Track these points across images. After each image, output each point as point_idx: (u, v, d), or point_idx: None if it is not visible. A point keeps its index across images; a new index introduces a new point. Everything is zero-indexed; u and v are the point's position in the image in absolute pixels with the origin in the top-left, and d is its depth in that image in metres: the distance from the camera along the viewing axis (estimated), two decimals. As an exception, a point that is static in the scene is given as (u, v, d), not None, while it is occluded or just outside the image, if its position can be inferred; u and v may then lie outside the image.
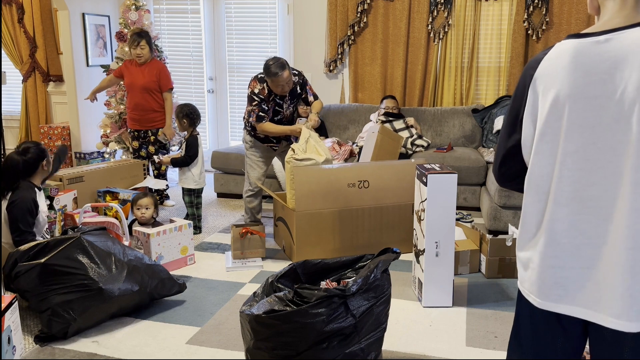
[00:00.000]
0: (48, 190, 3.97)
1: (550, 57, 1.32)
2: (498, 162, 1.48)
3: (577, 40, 1.28)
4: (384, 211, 3.81)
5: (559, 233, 1.31)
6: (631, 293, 1.23)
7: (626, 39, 1.22)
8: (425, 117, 5.42)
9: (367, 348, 2.27)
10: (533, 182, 1.36)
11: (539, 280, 1.36)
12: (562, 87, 1.28)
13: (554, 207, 1.32)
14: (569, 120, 1.28)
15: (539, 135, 1.33)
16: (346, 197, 3.73)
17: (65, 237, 2.80)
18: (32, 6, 6.24)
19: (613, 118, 1.23)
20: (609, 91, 1.23)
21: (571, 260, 1.31)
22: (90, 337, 2.76)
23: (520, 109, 1.39)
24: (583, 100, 1.26)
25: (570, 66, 1.27)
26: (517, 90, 1.41)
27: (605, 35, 1.25)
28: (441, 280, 3.06)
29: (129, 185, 4.66)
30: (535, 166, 1.35)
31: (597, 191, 1.26)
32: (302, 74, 4.04)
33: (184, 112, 4.30)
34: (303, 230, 3.68)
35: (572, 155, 1.28)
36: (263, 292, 2.42)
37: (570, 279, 1.31)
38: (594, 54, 1.25)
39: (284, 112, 3.97)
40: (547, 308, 1.36)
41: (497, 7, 5.36)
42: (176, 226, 3.62)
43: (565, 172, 1.29)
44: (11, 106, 6.88)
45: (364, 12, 5.57)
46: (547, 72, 1.31)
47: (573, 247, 1.30)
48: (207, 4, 6.19)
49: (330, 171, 3.71)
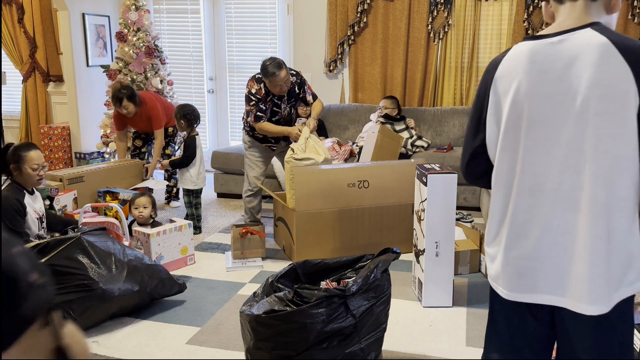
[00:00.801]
0: (48, 190, 3.97)
1: (508, 59, 1.39)
2: (465, 161, 1.55)
3: (533, 42, 1.36)
4: (384, 211, 3.81)
5: (522, 225, 1.37)
6: (592, 278, 1.29)
7: (577, 39, 1.29)
8: (425, 117, 5.42)
9: (367, 348, 2.27)
10: (499, 178, 1.43)
11: (505, 273, 1.42)
12: (520, 87, 1.35)
13: (516, 200, 1.38)
14: (528, 118, 1.35)
15: (502, 134, 1.40)
16: (346, 197, 3.73)
17: (65, 237, 2.80)
18: (32, 6, 6.24)
19: (569, 114, 1.29)
20: (564, 89, 1.30)
21: (534, 251, 1.36)
22: (90, 337, 2.76)
23: (483, 110, 1.46)
24: (541, 98, 1.33)
25: (527, 67, 1.34)
26: (479, 91, 1.48)
27: (558, 37, 1.32)
28: (441, 280, 3.06)
29: (129, 186, 4.66)
30: (500, 163, 1.42)
31: (557, 184, 1.32)
32: (300, 74, 4.03)
33: (182, 113, 4.30)
34: (303, 230, 3.67)
35: (533, 150, 1.35)
36: (263, 292, 2.42)
37: (535, 269, 1.37)
38: (549, 54, 1.32)
39: (281, 113, 3.96)
40: (515, 299, 1.42)
41: (497, 7, 5.36)
42: (176, 226, 3.62)
43: (527, 167, 1.36)
44: (11, 106, 6.88)
45: (364, 12, 5.57)
46: (506, 74, 1.39)
47: (535, 238, 1.36)
48: (207, 4, 6.19)
49: (330, 171, 3.71)
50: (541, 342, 1.44)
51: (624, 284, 1.31)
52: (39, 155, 3.21)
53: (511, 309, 1.45)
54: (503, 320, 1.49)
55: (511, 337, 1.48)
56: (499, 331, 1.51)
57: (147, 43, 5.58)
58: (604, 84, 1.24)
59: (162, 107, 4.86)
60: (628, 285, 1.31)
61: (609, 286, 1.30)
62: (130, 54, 5.52)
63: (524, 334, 1.45)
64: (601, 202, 1.27)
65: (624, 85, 1.23)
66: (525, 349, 1.46)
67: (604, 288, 1.30)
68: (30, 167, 3.15)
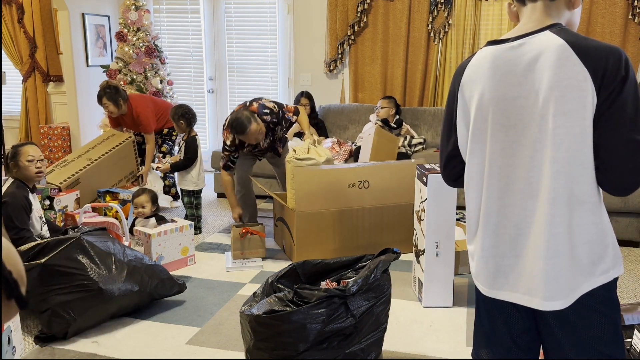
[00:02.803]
0: (48, 191, 3.97)
1: (473, 64, 1.43)
2: (443, 164, 1.60)
3: (495, 46, 1.39)
4: (384, 211, 3.81)
5: (495, 225, 1.41)
6: (546, 275, 1.33)
7: (536, 42, 1.32)
8: (425, 117, 5.41)
9: (367, 348, 2.27)
10: (470, 181, 1.47)
11: (484, 271, 1.46)
12: (484, 91, 1.39)
13: (487, 201, 1.42)
14: (493, 121, 1.38)
15: (470, 137, 1.44)
16: (346, 197, 3.72)
17: (65, 238, 2.79)
18: (32, 6, 6.24)
19: (531, 116, 1.33)
20: (525, 92, 1.33)
21: (508, 249, 1.40)
22: (90, 337, 2.76)
23: (453, 114, 1.51)
24: (504, 102, 1.36)
25: (490, 71, 1.38)
26: (449, 96, 1.52)
27: (519, 40, 1.35)
28: (441, 280, 3.06)
29: (122, 179, 4.66)
30: (470, 165, 1.47)
31: (523, 184, 1.36)
32: (274, 110, 3.88)
33: (179, 113, 4.26)
34: (303, 230, 3.67)
35: (499, 152, 1.38)
36: (263, 293, 2.42)
37: (509, 267, 1.41)
38: (510, 58, 1.35)
39: (261, 145, 3.99)
40: (493, 296, 1.45)
41: (497, 7, 5.35)
42: (177, 227, 3.62)
43: (494, 169, 1.40)
44: (11, 106, 6.88)
45: (364, 12, 5.57)
46: (471, 78, 1.43)
47: (508, 237, 1.40)
48: (207, 4, 6.19)
49: (330, 171, 3.71)
50: (528, 334, 1.46)
51: (596, 274, 1.33)
52: (35, 149, 3.24)
53: (493, 305, 1.48)
54: (487, 317, 1.52)
55: (497, 333, 1.50)
56: (485, 327, 1.54)
57: (147, 43, 5.58)
58: (562, 85, 1.27)
59: (157, 111, 4.83)
60: (601, 274, 1.34)
61: (574, 281, 1.33)
62: (130, 54, 5.52)
63: (509, 329, 1.47)
64: (564, 200, 1.30)
65: (582, 85, 1.25)
66: (512, 343, 1.48)
67: (568, 284, 1.33)
68: (25, 160, 3.17)
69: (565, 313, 1.35)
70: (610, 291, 1.36)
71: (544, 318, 1.40)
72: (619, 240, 4.14)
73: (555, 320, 1.38)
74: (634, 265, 3.81)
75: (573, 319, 1.36)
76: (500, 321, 1.48)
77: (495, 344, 1.52)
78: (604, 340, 1.36)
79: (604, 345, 1.36)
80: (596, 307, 1.35)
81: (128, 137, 4.76)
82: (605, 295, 1.35)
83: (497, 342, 1.51)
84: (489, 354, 1.54)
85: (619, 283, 3.51)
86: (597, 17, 5.02)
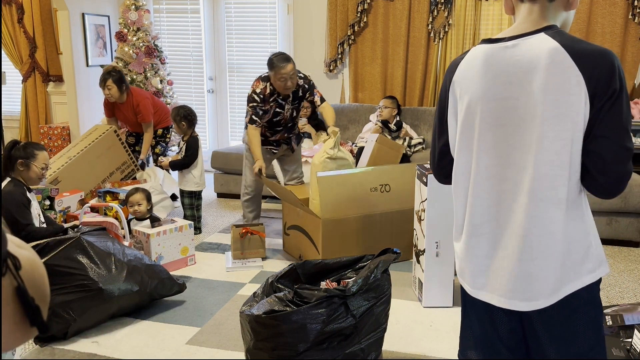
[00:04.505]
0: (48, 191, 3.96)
1: (466, 62, 1.43)
2: (435, 161, 1.59)
3: (489, 45, 1.38)
4: (406, 215, 3.67)
5: (480, 225, 1.41)
6: (528, 276, 1.34)
7: (531, 44, 1.31)
8: (425, 117, 5.41)
9: (367, 348, 2.27)
10: (457, 180, 1.47)
11: (468, 270, 1.46)
12: (475, 90, 1.38)
13: (473, 200, 1.41)
14: (482, 121, 1.38)
15: (458, 135, 1.44)
16: (369, 201, 3.63)
17: (65, 238, 2.80)
18: (32, 6, 6.24)
19: (521, 117, 1.32)
20: (516, 93, 1.32)
21: (492, 250, 1.40)
22: (90, 337, 2.76)
23: (444, 111, 1.50)
24: (494, 101, 1.36)
25: (481, 70, 1.37)
26: (440, 93, 1.52)
27: (513, 41, 1.34)
28: (441, 280, 3.06)
29: (114, 172, 4.64)
30: (457, 164, 1.46)
31: (509, 185, 1.36)
32: (309, 78, 3.97)
33: (182, 115, 4.25)
34: (329, 238, 3.53)
35: (487, 152, 1.38)
36: (263, 293, 2.42)
37: (491, 267, 1.41)
38: (503, 58, 1.34)
39: (284, 114, 3.93)
40: (477, 296, 1.45)
41: (498, 7, 5.35)
42: (177, 226, 3.62)
43: (482, 169, 1.39)
44: (11, 106, 6.88)
45: (364, 12, 5.57)
46: (462, 76, 1.42)
47: (493, 236, 1.39)
48: (207, 4, 6.19)
49: (352, 176, 3.61)
50: (515, 333, 1.45)
51: (582, 273, 1.33)
52: (47, 157, 3.26)
53: (479, 305, 1.47)
54: (474, 316, 1.51)
55: (484, 333, 1.49)
56: (472, 327, 1.52)
57: (147, 43, 5.58)
58: (555, 88, 1.26)
59: (154, 106, 4.83)
60: (587, 273, 1.34)
61: (556, 281, 1.33)
62: (130, 54, 5.52)
63: (495, 329, 1.46)
64: (548, 202, 1.30)
65: (575, 89, 1.25)
66: (499, 343, 1.47)
67: (550, 284, 1.33)
68: (39, 167, 3.17)
69: (548, 313, 1.35)
70: (593, 292, 1.37)
71: (527, 318, 1.40)
72: (619, 240, 4.14)
73: (538, 319, 1.37)
74: (634, 265, 3.81)
75: (556, 319, 1.36)
76: (487, 322, 1.47)
77: (482, 345, 1.50)
78: (585, 341, 1.36)
79: (585, 346, 1.36)
80: (579, 308, 1.35)
81: (108, 128, 4.68)
82: (588, 296, 1.36)
83: (485, 343, 1.49)
84: (477, 355, 1.52)
85: (620, 283, 3.51)
86: (597, 17, 5.01)
